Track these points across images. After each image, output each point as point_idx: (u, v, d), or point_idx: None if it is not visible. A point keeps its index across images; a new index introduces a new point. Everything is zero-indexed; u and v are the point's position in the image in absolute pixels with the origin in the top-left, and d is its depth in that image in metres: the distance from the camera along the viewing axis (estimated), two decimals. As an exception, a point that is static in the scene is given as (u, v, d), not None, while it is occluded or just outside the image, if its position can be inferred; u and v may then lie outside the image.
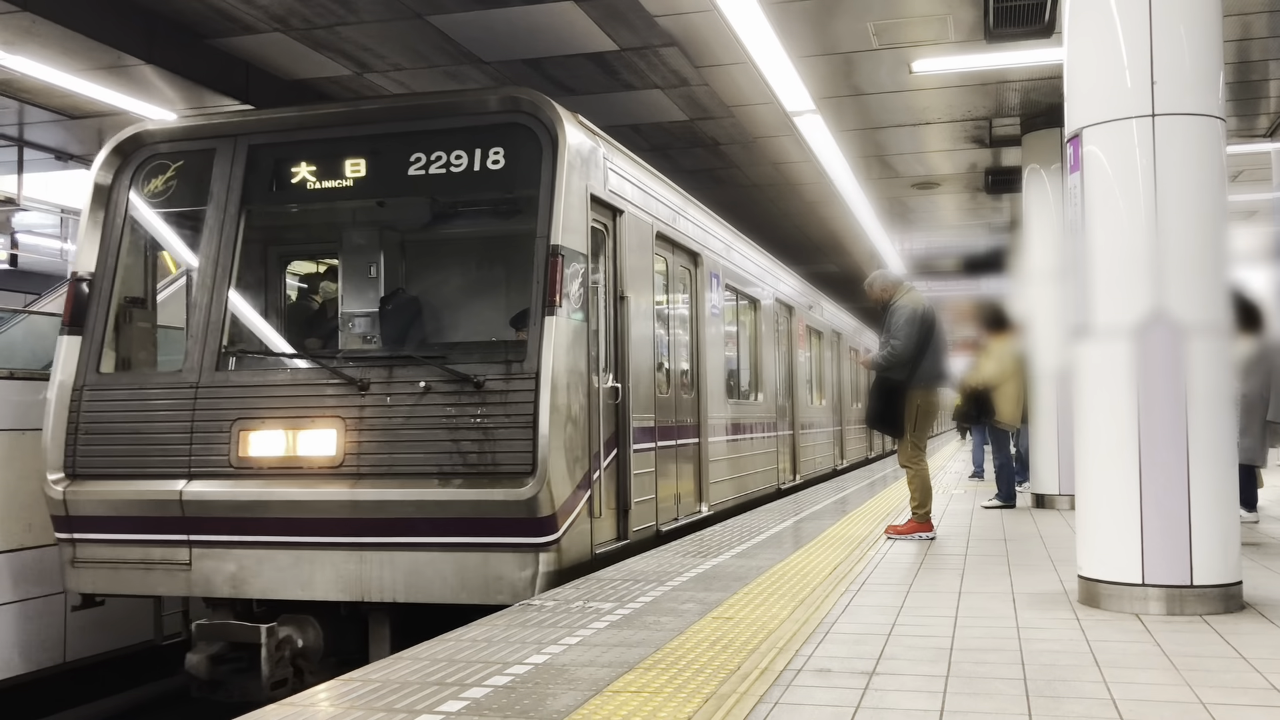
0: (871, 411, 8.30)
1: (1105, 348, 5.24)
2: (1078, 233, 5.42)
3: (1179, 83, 5.13)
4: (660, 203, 8.70)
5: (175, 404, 6.76)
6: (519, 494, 6.07)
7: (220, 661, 6.53)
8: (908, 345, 7.80)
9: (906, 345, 7.80)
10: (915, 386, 7.91)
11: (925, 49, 9.62)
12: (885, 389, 8.01)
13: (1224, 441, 5.13)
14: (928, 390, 8.04)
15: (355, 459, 6.38)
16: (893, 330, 7.90)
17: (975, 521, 9.59)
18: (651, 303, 8.30)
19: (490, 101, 6.81)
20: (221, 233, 7.02)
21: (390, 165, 6.89)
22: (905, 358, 7.82)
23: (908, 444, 8.05)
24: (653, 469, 8.11)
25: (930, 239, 19.76)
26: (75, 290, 7.17)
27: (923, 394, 7.97)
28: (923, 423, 8.05)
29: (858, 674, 4.06)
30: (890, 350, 7.86)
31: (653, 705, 3.65)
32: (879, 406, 8.10)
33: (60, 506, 6.80)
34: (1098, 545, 5.31)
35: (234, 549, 6.55)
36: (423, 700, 3.77)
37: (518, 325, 7.11)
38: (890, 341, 7.88)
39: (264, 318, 8.00)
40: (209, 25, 9.15)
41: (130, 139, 7.39)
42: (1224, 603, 5.07)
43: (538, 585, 6.12)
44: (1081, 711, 3.55)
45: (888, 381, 7.98)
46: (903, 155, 13.56)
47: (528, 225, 6.57)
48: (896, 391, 7.91)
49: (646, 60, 9.93)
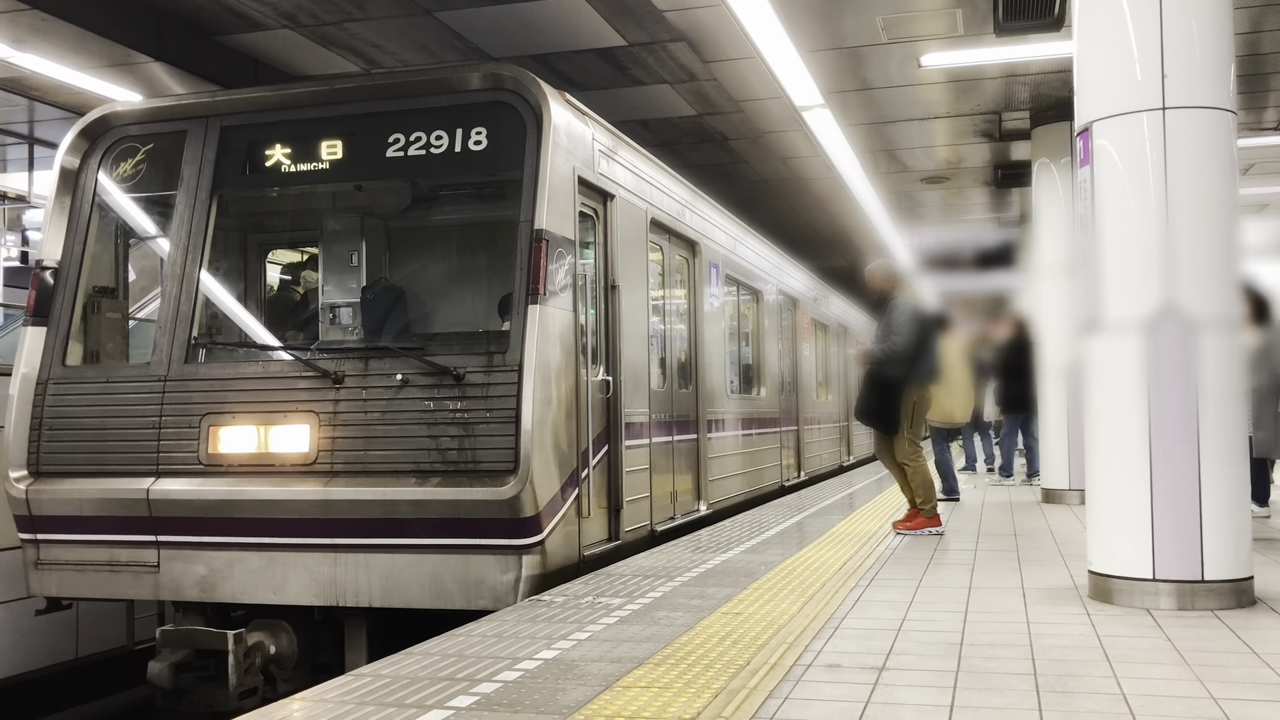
0: (866, 407, 8.18)
1: (1116, 342, 5.22)
2: (1088, 227, 5.40)
3: (1190, 76, 5.11)
4: (656, 188, 8.44)
5: (143, 398, 6.50)
6: (500, 493, 5.81)
7: (185, 670, 6.26)
8: (909, 342, 7.77)
9: (908, 342, 7.76)
10: (913, 383, 7.90)
11: (934, 43, 9.59)
12: (882, 385, 7.94)
13: (1235, 436, 5.11)
14: (924, 388, 8.04)
15: (329, 456, 6.13)
16: (894, 326, 7.84)
17: (985, 517, 9.58)
18: (646, 292, 8.06)
19: (472, 79, 6.52)
20: (192, 218, 6.76)
21: (368, 147, 6.62)
22: (906, 354, 7.79)
23: (904, 440, 7.98)
24: (647, 466, 7.88)
25: (939, 234, 19.71)
26: (39, 280, 6.89)
27: (919, 391, 7.98)
28: (918, 419, 8.04)
29: (867, 669, 4.06)
30: (892, 345, 7.81)
31: (662, 700, 3.65)
32: (875, 402, 8.02)
33: (23, 506, 6.54)
34: (1108, 540, 5.29)
35: (203, 550, 6.30)
36: (433, 695, 3.78)
37: (504, 312, 6.82)
38: (891, 337, 7.83)
39: (237, 307, 7.75)
40: (218, 22, 9.17)
41: (98, 121, 7.12)
42: (1235, 598, 5.05)
43: (521, 590, 5.86)
44: (1092, 707, 3.54)
45: (884, 377, 7.91)
46: (912, 150, 13.53)
47: (511, 209, 6.32)
48: (894, 388, 7.87)
49: (655, 55, 9.91)
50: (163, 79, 9.78)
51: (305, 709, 3.69)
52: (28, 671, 7.61)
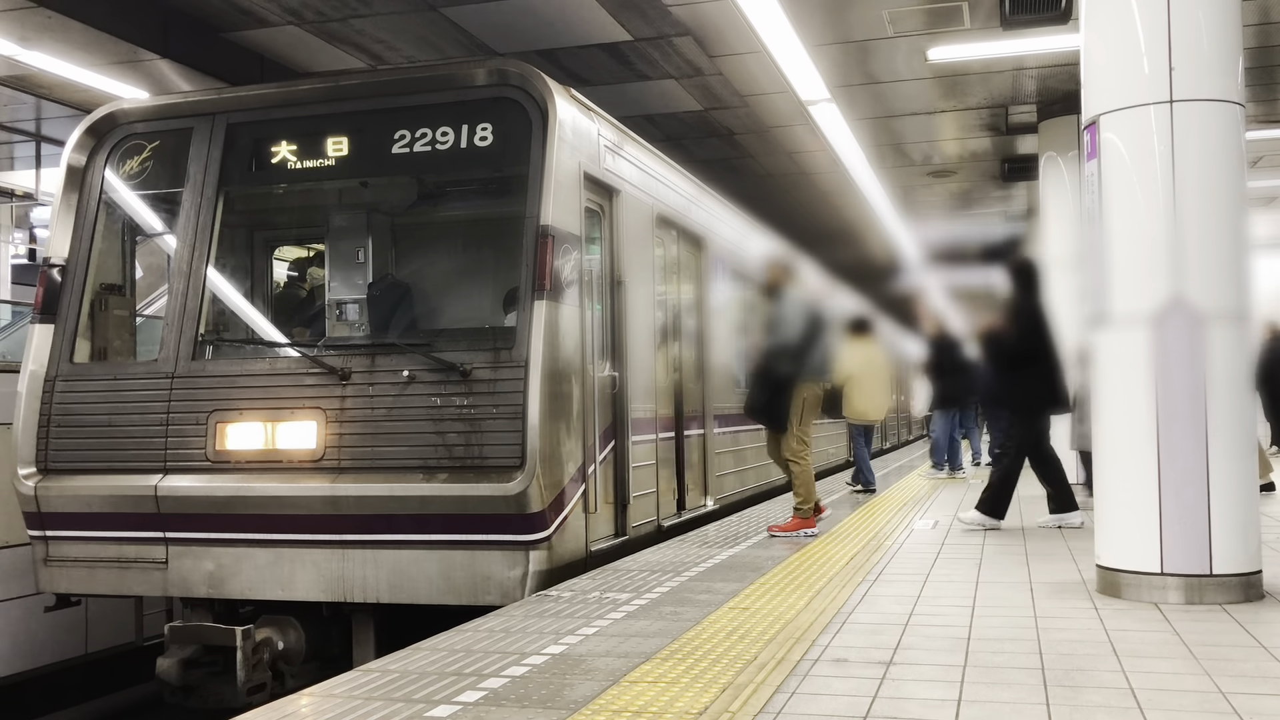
0: (753, 403, 8.00)
1: (1123, 336, 5.21)
2: (1095, 220, 5.38)
3: (1197, 68, 5.09)
4: (662, 184, 8.42)
5: (150, 395, 6.51)
6: (507, 489, 5.81)
7: (194, 666, 6.28)
8: (799, 337, 7.58)
9: (798, 336, 7.58)
10: (804, 380, 7.67)
11: (941, 36, 9.57)
12: (771, 381, 7.73)
13: (1243, 430, 5.09)
14: (815, 384, 7.81)
15: (336, 452, 6.13)
16: (785, 319, 7.64)
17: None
18: (652, 288, 8.05)
19: (477, 75, 6.52)
20: (199, 215, 6.77)
21: (374, 143, 6.61)
22: (794, 350, 7.59)
23: (793, 438, 7.73)
24: (653, 462, 7.88)
25: (946, 228, 19.67)
26: (47, 277, 6.90)
27: (810, 388, 7.75)
28: (809, 416, 7.81)
29: (875, 664, 4.06)
30: (782, 340, 7.62)
31: (670, 695, 3.66)
32: (763, 399, 7.82)
33: (32, 502, 6.56)
34: (1116, 534, 5.28)
35: (211, 547, 6.31)
36: (441, 690, 3.79)
37: (510, 308, 6.82)
38: (780, 331, 7.64)
39: (244, 304, 7.77)
40: (224, 19, 9.18)
41: (104, 118, 7.13)
42: (1244, 591, 5.04)
43: (528, 585, 5.85)
44: (1100, 701, 3.53)
45: (774, 373, 7.70)
46: (918, 143, 13.51)
47: (517, 205, 6.30)
48: (784, 384, 7.65)
49: (660, 50, 9.90)
50: (169, 76, 9.80)
51: (314, 704, 3.70)
52: (38, 668, 7.65)
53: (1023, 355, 7.76)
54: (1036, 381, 7.77)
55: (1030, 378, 7.77)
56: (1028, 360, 7.74)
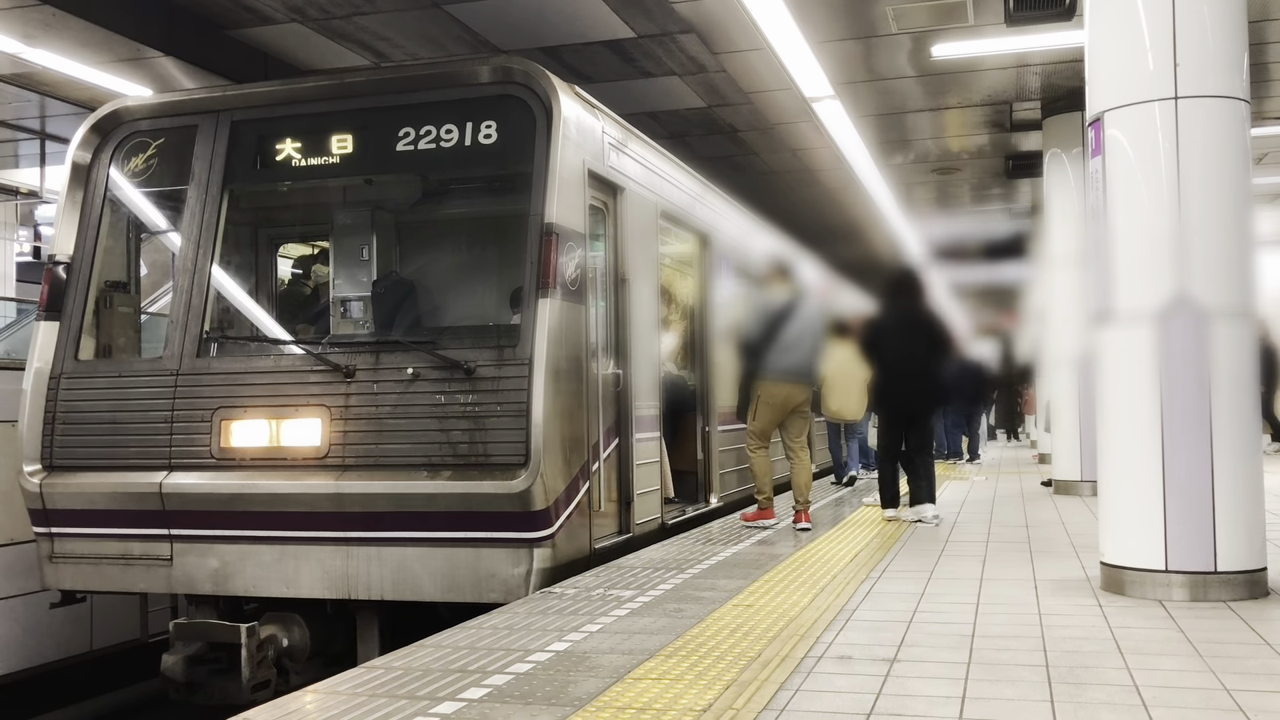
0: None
1: (1128, 333, 5.20)
2: (1099, 217, 5.38)
3: (1202, 65, 5.08)
4: (666, 181, 8.43)
5: (155, 392, 6.53)
6: (511, 486, 5.81)
7: (198, 663, 6.27)
8: (752, 334, 7.93)
9: (751, 334, 7.94)
10: (760, 378, 7.90)
11: (945, 33, 9.55)
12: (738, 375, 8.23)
13: (1248, 426, 5.09)
14: (773, 384, 7.89)
15: (341, 450, 6.14)
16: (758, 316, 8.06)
17: (996, 509, 9.57)
18: (656, 286, 8.07)
19: (481, 72, 6.51)
20: (203, 213, 6.77)
21: (378, 141, 6.62)
22: (749, 347, 7.91)
23: (748, 432, 8.11)
24: (658, 459, 7.88)
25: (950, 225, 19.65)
26: (52, 274, 6.93)
27: (766, 386, 7.90)
28: (763, 414, 7.95)
29: (879, 661, 4.06)
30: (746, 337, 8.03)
31: (674, 692, 3.66)
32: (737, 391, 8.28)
33: (37, 499, 6.57)
34: (1120, 531, 5.28)
35: (216, 544, 6.33)
36: (445, 687, 3.79)
37: (515, 305, 6.83)
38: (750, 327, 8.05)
39: (248, 302, 7.78)
40: (227, 16, 9.18)
41: (109, 116, 7.13)
42: (1249, 588, 5.03)
43: (532, 582, 5.86)
44: (1104, 698, 3.53)
45: (738, 367, 8.19)
46: (922, 140, 13.49)
47: (521, 202, 6.30)
48: (743, 379, 8.05)
49: (664, 47, 9.90)
50: (173, 74, 9.80)
51: (318, 701, 3.71)
52: (43, 664, 7.66)
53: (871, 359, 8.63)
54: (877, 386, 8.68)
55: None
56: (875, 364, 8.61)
